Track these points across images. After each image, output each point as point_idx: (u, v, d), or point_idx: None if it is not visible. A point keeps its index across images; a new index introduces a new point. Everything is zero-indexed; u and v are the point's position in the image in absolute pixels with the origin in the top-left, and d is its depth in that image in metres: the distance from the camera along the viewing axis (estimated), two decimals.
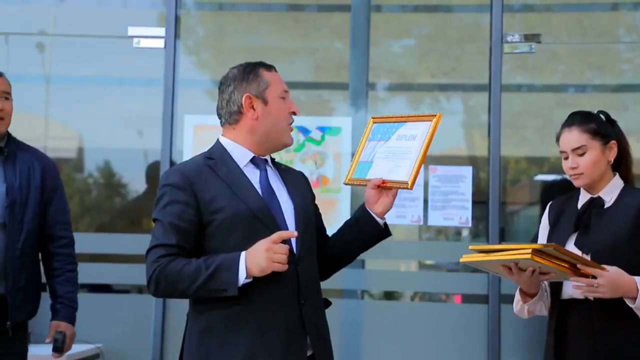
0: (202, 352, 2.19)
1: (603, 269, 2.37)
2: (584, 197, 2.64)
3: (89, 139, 5.23)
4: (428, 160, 4.15)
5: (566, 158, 2.61)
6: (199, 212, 2.19)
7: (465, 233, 5.22)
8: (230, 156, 2.28)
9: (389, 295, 4.64)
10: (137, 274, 3.92)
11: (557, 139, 2.66)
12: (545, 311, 2.61)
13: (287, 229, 2.23)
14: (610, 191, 2.59)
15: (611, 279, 2.36)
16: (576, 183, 2.61)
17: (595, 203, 2.58)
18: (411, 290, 4.56)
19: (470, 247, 2.45)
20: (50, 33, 4.73)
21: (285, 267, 2.12)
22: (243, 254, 2.13)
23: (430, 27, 4.78)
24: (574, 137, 2.57)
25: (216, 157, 2.28)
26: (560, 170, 3.82)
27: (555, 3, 4.55)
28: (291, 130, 2.35)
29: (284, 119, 2.31)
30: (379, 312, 4.04)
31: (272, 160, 2.40)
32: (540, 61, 4.40)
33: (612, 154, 2.59)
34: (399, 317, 3.95)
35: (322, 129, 4.03)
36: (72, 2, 4.56)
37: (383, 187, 2.33)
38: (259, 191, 2.26)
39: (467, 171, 3.90)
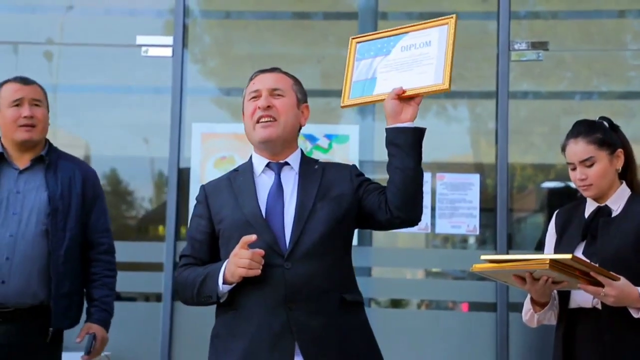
0: (211, 357, 2.31)
1: (615, 277, 2.36)
2: (590, 206, 2.63)
3: (96, 147, 5.24)
4: (434, 167, 4.15)
5: (574, 169, 2.59)
6: (211, 223, 2.33)
7: (472, 241, 5.21)
8: (252, 167, 2.37)
9: (396, 303, 4.63)
10: (145, 282, 3.96)
11: (563, 149, 2.64)
12: (554, 320, 2.60)
13: (282, 232, 2.24)
14: (617, 200, 2.58)
15: (620, 289, 2.36)
16: (585, 194, 2.60)
17: (602, 212, 2.57)
18: (418, 298, 4.55)
19: (482, 256, 2.44)
20: (58, 42, 4.75)
21: (253, 272, 2.14)
22: (226, 262, 2.20)
23: None
24: (580, 148, 2.56)
25: (241, 169, 2.40)
26: (567, 178, 3.81)
27: (561, 10, 4.54)
28: (264, 126, 2.30)
29: (248, 119, 2.34)
30: (386, 320, 4.03)
31: (309, 160, 2.40)
32: (547, 68, 4.40)
33: (620, 162, 2.58)
34: (406, 325, 3.94)
35: (329, 137, 4.04)
36: (80, 11, 4.58)
37: (407, 96, 2.24)
38: (265, 196, 2.29)
39: (475, 179, 3.90)
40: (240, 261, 2.14)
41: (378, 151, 4.18)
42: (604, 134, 2.58)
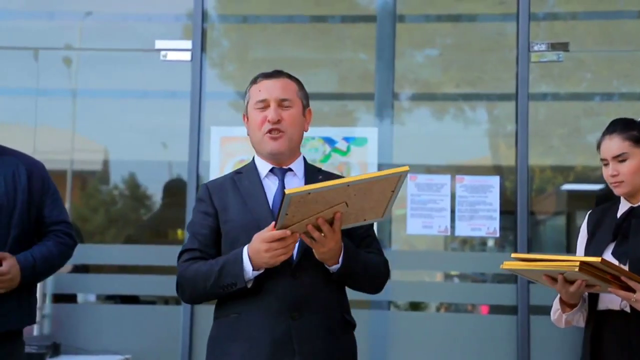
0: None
1: None
2: (624, 206, 2.60)
3: (115, 152, 5.27)
4: (453, 170, 4.14)
5: (606, 165, 2.57)
6: (217, 220, 2.32)
7: (490, 243, 5.19)
8: (256, 169, 2.37)
9: (415, 306, 4.62)
10: (163, 285, 3.97)
11: (598, 147, 2.62)
12: (583, 322, 2.57)
13: None
14: None
15: None
16: (616, 191, 2.57)
17: (635, 212, 2.54)
18: (438, 301, 4.53)
19: (512, 255, 2.43)
20: (77, 47, 4.78)
21: (290, 253, 2.14)
22: (245, 249, 2.18)
23: (454, 37, 4.77)
24: (615, 144, 2.55)
25: (244, 171, 2.39)
26: (586, 180, 3.78)
27: (581, 11, 4.52)
28: (273, 138, 2.31)
29: (257, 129, 2.34)
30: (405, 323, 4.02)
31: (312, 168, 2.41)
32: (567, 69, 4.38)
33: None
34: (426, 328, 3.92)
35: (347, 140, 4.04)
36: (98, 16, 4.61)
37: None
38: (271, 201, 2.30)
39: (495, 181, 3.87)
40: (278, 252, 2.11)
41: (397, 154, 4.18)
42: (639, 133, 2.56)
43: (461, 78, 4.76)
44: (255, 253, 2.15)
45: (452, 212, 3.86)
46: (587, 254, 2.55)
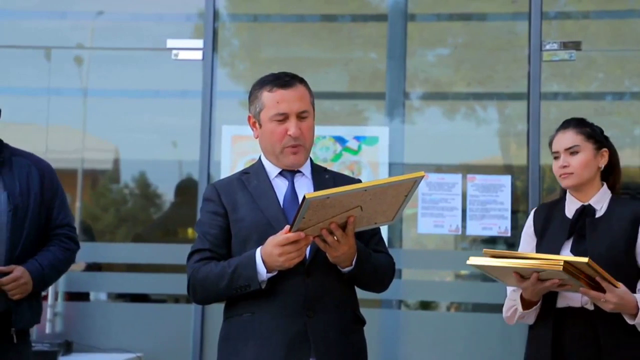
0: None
1: (617, 284, 2.39)
2: (572, 204, 2.63)
3: (126, 151, 5.29)
4: (464, 169, 4.13)
5: (557, 158, 2.62)
6: (227, 220, 2.31)
7: (500, 242, 5.17)
8: (264, 169, 2.37)
9: (426, 306, 4.61)
10: (174, 284, 3.98)
11: (550, 143, 2.68)
12: (533, 320, 2.58)
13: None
14: (600, 200, 2.60)
15: (620, 297, 2.38)
16: (564, 183, 2.61)
17: (588, 211, 2.58)
18: (449, 300, 4.52)
19: (484, 250, 2.43)
20: (88, 47, 4.80)
21: (302, 256, 2.14)
22: (258, 250, 2.18)
23: (465, 36, 4.76)
24: (567, 137, 2.60)
25: (252, 171, 2.39)
26: None
27: (593, 10, 4.50)
28: (293, 152, 2.30)
29: (276, 142, 2.31)
30: (416, 322, 4.02)
31: (318, 168, 2.41)
32: (578, 69, 4.36)
33: (603, 161, 2.62)
34: (436, 328, 3.92)
35: (358, 139, 4.04)
36: (110, 15, 4.63)
37: None
38: (281, 201, 2.30)
39: (506, 180, 3.87)
40: (291, 255, 2.11)
41: (408, 153, 4.18)
42: (592, 131, 2.63)
43: (472, 77, 4.75)
44: (269, 256, 2.15)
45: (463, 211, 3.85)
46: (540, 252, 2.57)
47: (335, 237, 2.12)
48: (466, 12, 4.64)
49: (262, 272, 2.17)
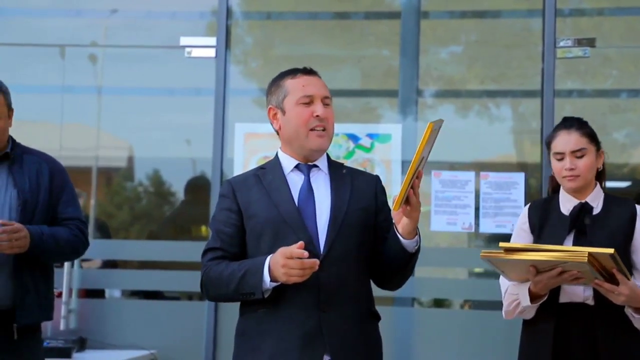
0: (237, 356, 2.29)
1: (629, 278, 2.43)
2: (568, 202, 2.66)
3: (139, 149, 5.31)
4: (478, 166, 4.12)
5: (561, 159, 2.63)
6: (240, 217, 2.30)
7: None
8: (280, 165, 2.36)
9: (439, 303, 4.60)
10: (187, 281, 4.00)
11: (549, 141, 2.69)
12: (533, 314, 2.59)
13: (316, 233, 2.24)
14: (596, 198, 2.65)
15: (632, 289, 2.42)
16: (569, 185, 2.63)
17: (587, 208, 2.62)
18: (462, 298, 4.51)
19: (500, 244, 2.42)
20: (102, 44, 4.82)
21: (304, 278, 2.13)
22: (268, 258, 2.18)
23: (478, 33, 4.74)
24: (573, 139, 2.62)
25: (268, 167, 2.38)
26: (611, 176, 3.74)
27: (607, 7, 4.48)
28: (319, 135, 2.31)
29: (302, 125, 2.31)
30: (429, 320, 4.01)
31: (335, 163, 2.41)
32: (592, 66, 4.34)
33: (601, 162, 2.68)
34: (449, 325, 3.92)
35: (371, 136, 4.03)
36: (124, 13, 4.64)
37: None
38: (296, 196, 2.29)
39: (520, 178, 3.86)
40: (291, 271, 2.11)
41: None
42: (592, 131, 2.67)
43: (486, 74, 4.73)
44: (274, 264, 2.15)
45: (477, 209, 3.85)
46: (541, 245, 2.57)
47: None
48: (479, 10, 4.62)
49: (267, 281, 2.17)
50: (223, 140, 4.04)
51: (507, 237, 4.84)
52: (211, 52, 4.09)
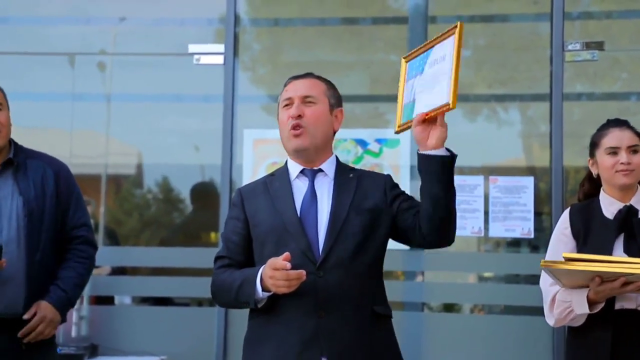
0: None
1: None
2: (610, 205, 2.63)
3: (149, 156, 5.32)
4: (487, 170, 4.11)
5: (614, 154, 2.61)
6: (246, 225, 2.34)
7: (523, 244, 5.13)
8: (288, 171, 2.38)
9: (449, 308, 4.59)
10: (197, 287, 4.00)
11: (597, 140, 2.67)
12: (583, 321, 2.57)
13: (317, 239, 2.25)
14: (639, 200, 2.62)
15: None
16: (623, 180, 2.60)
17: (632, 211, 2.59)
18: (472, 302, 4.50)
19: (563, 254, 2.41)
20: (111, 52, 4.85)
21: (291, 289, 2.13)
22: (261, 269, 2.20)
23: (486, 37, 4.74)
24: (628, 135, 2.63)
25: (277, 174, 2.41)
26: None
27: (615, 10, 4.46)
28: (294, 135, 2.32)
29: (283, 128, 2.36)
30: (439, 324, 4.00)
31: (344, 167, 2.41)
32: (601, 69, 4.33)
33: None
34: (459, 330, 3.90)
35: (380, 141, 4.03)
36: (132, 21, 4.67)
37: (428, 119, 2.16)
38: (299, 203, 2.31)
39: (529, 182, 3.85)
40: (278, 282, 2.13)
41: None
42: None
43: (494, 78, 4.73)
44: (264, 275, 2.18)
45: (486, 213, 3.84)
46: (586, 253, 2.54)
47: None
48: (487, 14, 4.62)
49: (259, 291, 2.19)
50: (232, 146, 4.05)
51: (516, 241, 4.84)
52: (219, 59, 4.11)
